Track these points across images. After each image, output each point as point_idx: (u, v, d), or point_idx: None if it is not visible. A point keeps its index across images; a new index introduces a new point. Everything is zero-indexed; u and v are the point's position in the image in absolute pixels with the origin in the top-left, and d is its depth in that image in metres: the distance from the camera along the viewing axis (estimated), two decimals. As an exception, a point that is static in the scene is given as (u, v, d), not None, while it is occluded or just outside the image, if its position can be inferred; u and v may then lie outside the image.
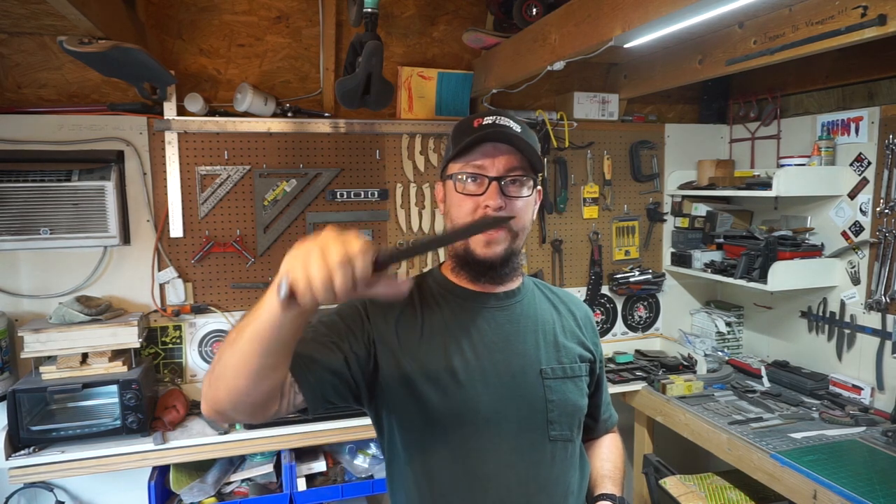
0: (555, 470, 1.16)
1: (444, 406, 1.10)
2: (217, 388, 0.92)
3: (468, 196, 1.11)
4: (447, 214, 1.18)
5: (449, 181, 1.16)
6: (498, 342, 1.16)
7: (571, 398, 1.19)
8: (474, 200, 1.11)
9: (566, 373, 1.20)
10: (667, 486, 2.39)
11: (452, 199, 1.15)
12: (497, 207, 1.09)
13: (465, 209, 1.12)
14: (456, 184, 1.13)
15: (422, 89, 2.72)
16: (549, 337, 1.22)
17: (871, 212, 2.46)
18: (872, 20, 1.68)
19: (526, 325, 1.20)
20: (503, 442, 1.12)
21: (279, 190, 2.61)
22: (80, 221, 2.27)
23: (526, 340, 1.19)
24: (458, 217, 1.13)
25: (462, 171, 1.12)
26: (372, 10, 2.11)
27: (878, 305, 2.42)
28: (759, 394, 2.60)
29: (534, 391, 1.16)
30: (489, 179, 1.10)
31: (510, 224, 1.11)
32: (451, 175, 1.14)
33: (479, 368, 1.13)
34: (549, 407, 1.16)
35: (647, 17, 1.66)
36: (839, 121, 2.58)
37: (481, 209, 1.10)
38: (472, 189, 1.11)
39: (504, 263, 1.14)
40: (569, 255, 3.06)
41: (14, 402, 2.08)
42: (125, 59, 1.90)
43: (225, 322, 2.59)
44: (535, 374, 1.17)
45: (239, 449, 2.31)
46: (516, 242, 1.15)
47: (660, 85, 2.75)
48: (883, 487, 1.80)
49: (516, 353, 1.17)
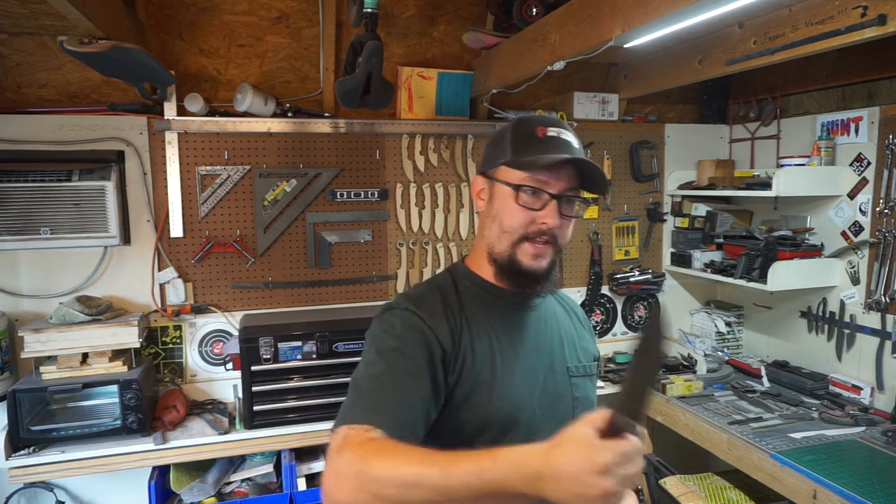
0: None
1: (493, 408, 1.09)
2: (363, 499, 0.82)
3: (525, 209, 1.10)
4: (493, 217, 1.15)
5: (499, 184, 1.13)
6: (534, 343, 1.18)
7: (591, 396, 1.23)
8: (531, 215, 1.10)
9: (586, 371, 1.24)
10: (667, 486, 2.39)
11: (507, 207, 1.12)
12: (555, 227, 1.09)
13: (519, 220, 1.10)
14: (519, 194, 1.10)
15: (422, 89, 2.72)
16: (568, 336, 1.25)
17: (871, 212, 2.46)
18: (872, 20, 1.68)
19: (550, 325, 1.23)
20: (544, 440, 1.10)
21: (279, 190, 2.61)
22: (81, 221, 2.27)
23: (553, 340, 1.21)
24: (510, 227, 1.11)
25: (524, 183, 1.10)
26: (372, 10, 2.11)
27: (878, 305, 2.42)
28: (759, 394, 2.60)
29: (564, 389, 1.18)
30: (550, 196, 1.09)
31: (558, 239, 1.11)
32: (508, 182, 1.11)
33: (523, 371, 1.14)
34: (574, 404, 1.18)
35: (647, 17, 1.66)
36: (839, 121, 2.58)
37: (537, 224, 1.10)
38: (530, 202, 1.10)
39: (547, 276, 1.15)
40: (569, 255, 3.06)
41: (14, 401, 2.08)
42: (125, 59, 1.90)
43: (225, 322, 2.59)
44: (563, 372, 1.20)
45: (239, 449, 2.32)
46: (558, 256, 1.16)
47: (660, 85, 2.75)
48: (883, 487, 1.80)
49: (547, 353, 1.19)
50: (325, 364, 2.38)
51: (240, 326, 2.41)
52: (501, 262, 1.14)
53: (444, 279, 1.19)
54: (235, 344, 2.37)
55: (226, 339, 2.60)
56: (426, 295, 1.14)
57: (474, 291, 1.18)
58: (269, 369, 2.33)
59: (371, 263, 2.79)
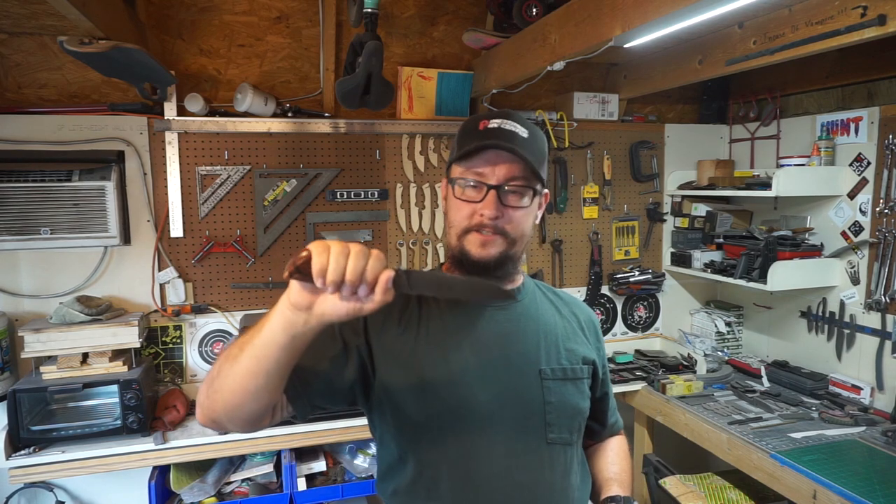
0: (553, 474, 1.13)
1: (440, 405, 1.09)
2: (214, 401, 0.94)
3: (466, 202, 1.12)
4: (445, 214, 1.19)
5: (448, 182, 1.17)
6: (497, 341, 1.15)
7: (571, 400, 1.17)
8: (472, 207, 1.11)
9: (567, 374, 1.18)
10: (667, 486, 2.39)
11: (451, 202, 1.15)
12: (492, 217, 1.09)
13: (461, 214, 1.12)
14: (455, 188, 1.13)
15: (422, 89, 2.72)
16: (551, 338, 1.20)
17: (871, 212, 2.46)
18: (872, 20, 1.68)
19: (526, 325, 1.19)
20: (498, 444, 1.10)
21: (279, 190, 2.61)
22: (81, 221, 2.27)
23: (526, 340, 1.18)
24: (454, 221, 1.14)
25: (462, 177, 1.12)
26: (372, 10, 2.11)
27: (878, 305, 2.42)
28: (759, 394, 2.60)
29: (531, 392, 1.14)
30: (488, 188, 1.10)
31: (506, 230, 1.11)
32: (452, 178, 1.14)
33: (478, 367, 1.12)
34: (546, 409, 1.14)
35: (647, 17, 1.66)
36: (839, 121, 2.58)
37: (477, 216, 1.10)
38: (471, 195, 1.11)
39: (498, 266, 1.14)
40: (569, 255, 3.06)
41: (14, 401, 2.08)
42: (125, 59, 1.90)
43: (225, 322, 2.60)
44: (533, 374, 1.15)
45: (239, 449, 2.32)
46: (513, 248, 1.14)
47: (660, 85, 2.75)
48: (882, 487, 1.80)
49: (515, 353, 1.16)
50: (325, 364, 2.38)
51: (240, 326, 2.41)
52: (456, 255, 1.16)
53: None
54: (235, 344, 2.36)
55: (226, 339, 2.61)
56: None
57: None
58: (269, 369, 2.32)
59: (371, 263, 2.78)
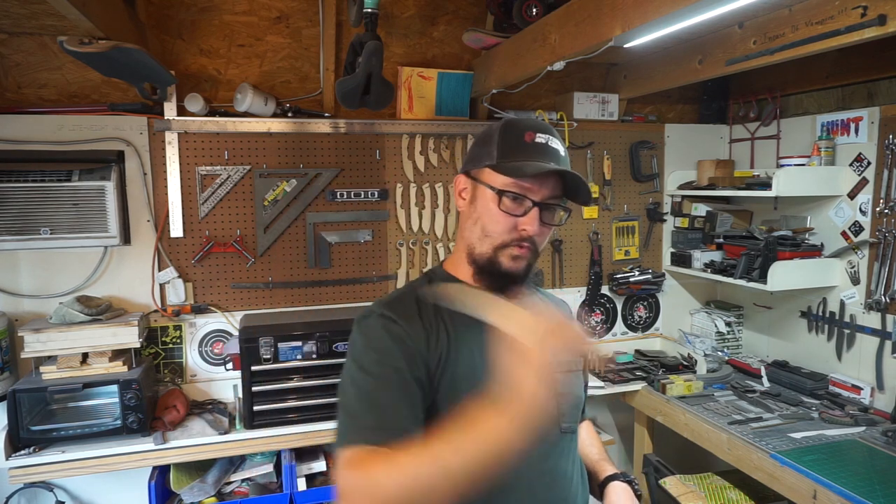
0: (566, 461, 1.18)
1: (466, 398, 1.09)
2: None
3: (508, 215, 1.11)
4: (476, 219, 1.15)
5: (483, 186, 1.13)
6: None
7: (576, 390, 1.24)
8: (512, 220, 1.11)
9: (570, 366, 1.21)
10: (667, 486, 2.39)
11: (489, 210, 1.13)
12: (534, 233, 1.11)
13: (502, 227, 1.11)
14: (502, 199, 1.11)
15: (422, 89, 2.72)
16: None
17: (871, 212, 2.46)
18: (872, 20, 1.69)
19: None
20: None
21: (279, 190, 2.61)
22: (81, 221, 2.27)
23: None
24: (493, 232, 1.12)
25: (509, 189, 1.10)
26: (372, 10, 2.11)
27: (878, 305, 2.42)
28: (759, 394, 2.60)
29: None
30: (533, 203, 1.10)
31: (537, 243, 1.14)
32: (492, 186, 1.12)
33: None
34: (559, 399, 1.17)
35: (647, 17, 1.66)
36: (839, 121, 2.58)
37: (518, 230, 1.11)
38: (511, 207, 1.10)
39: (525, 277, 1.17)
40: (569, 255, 3.06)
41: (14, 401, 2.08)
42: (125, 59, 1.90)
43: (225, 322, 2.60)
44: None
45: (239, 449, 2.31)
46: (536, 259, 1.18)
47: (660, 85, 2.75)
48: (882, 487, 1.80)
49: None
50: (325, 364, 2.38)
51: (240, 326, 2.41)
52: (481, 263, 1.15)
53: (420, 283, 1.20)
54: (235, 344, 2.37)
55: (226, 339, 2.61)
56: (402, 298, 1.14)
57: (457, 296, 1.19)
58: (269, 369, 2.33)
59: (371, 263, 2.79)
